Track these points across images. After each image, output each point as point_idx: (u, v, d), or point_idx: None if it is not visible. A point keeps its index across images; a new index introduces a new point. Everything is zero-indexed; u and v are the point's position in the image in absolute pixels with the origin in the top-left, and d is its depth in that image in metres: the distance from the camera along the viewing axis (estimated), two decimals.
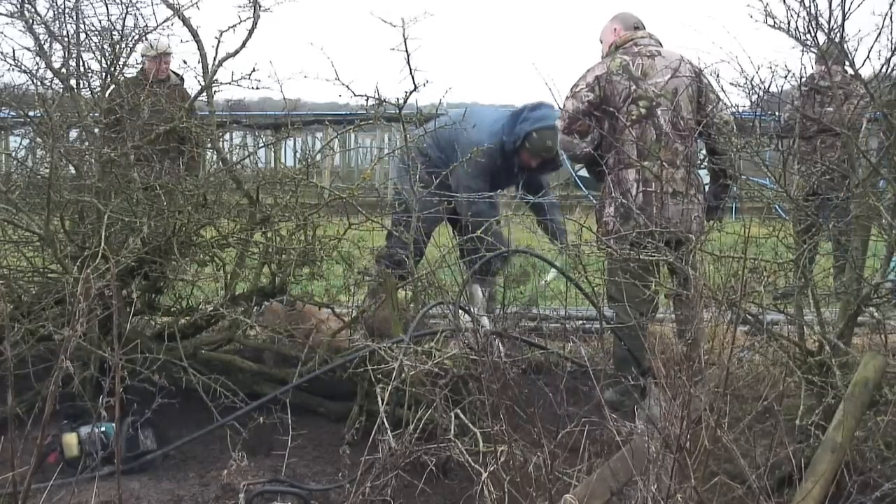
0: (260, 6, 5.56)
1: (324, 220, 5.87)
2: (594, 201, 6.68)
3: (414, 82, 5.48)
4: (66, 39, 5.55)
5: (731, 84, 4.78)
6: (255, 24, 5.58)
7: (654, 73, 5.75)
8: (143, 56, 8.18)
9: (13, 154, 5.95)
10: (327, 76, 5.40)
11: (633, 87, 5.70)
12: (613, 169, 5.72)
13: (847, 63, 4.30)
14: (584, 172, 7.11)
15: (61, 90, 5.49)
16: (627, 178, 5.68)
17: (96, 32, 5.63)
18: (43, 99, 5.35)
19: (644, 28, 6.03)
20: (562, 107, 5.87)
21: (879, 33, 4.09)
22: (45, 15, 5.52)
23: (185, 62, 5.74)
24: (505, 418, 3.66)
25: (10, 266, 5.48)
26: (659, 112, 5.68)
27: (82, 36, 5.60)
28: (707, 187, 6.03)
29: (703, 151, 6.02)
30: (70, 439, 4.67)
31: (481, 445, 3.86)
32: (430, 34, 6.56)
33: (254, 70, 5.48)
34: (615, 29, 6.02)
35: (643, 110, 5.68)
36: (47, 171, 5.00)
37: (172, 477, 4.74)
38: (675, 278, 5.32)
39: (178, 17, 5.54)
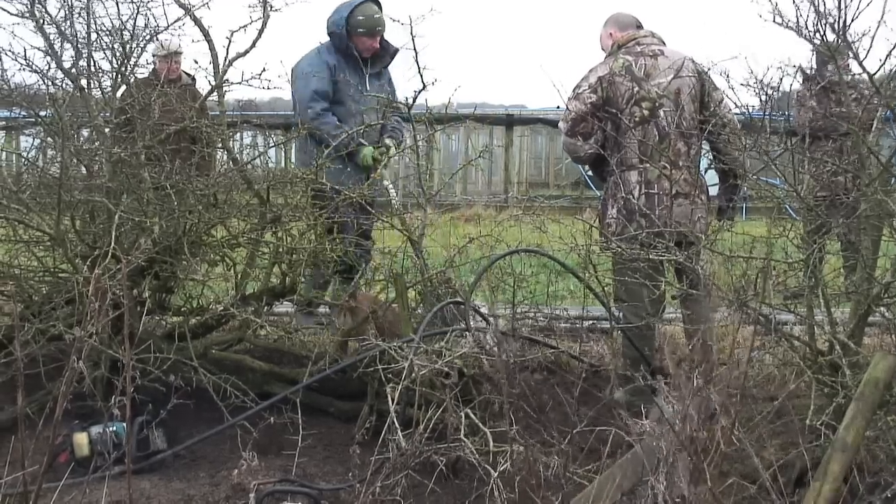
0: (270, 6, 5.57)
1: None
2: None
3: (423, 81, 5.49)
4: (76, 39, 5.56)
5: (742, 84, 4.78)
6: (265, 24, 5.58)
7: (657, 73, 5.69)
8: (153, 56, 8.21)
9: (24, 154, 5.96)
10: None
11: (636, 89, 5.64)
12: (616, 170, 5.70)
13: (852, 58, 4.30)
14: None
15: (72, 90, 5.50)
16: (630, 179, 5.63)
17: (107, 32, 5.64)
18: (53, 99, 5.36)
19: (642, 26, 5.99)
20: (565, 109, 5.83)
21: (878, 27, 4.09)
22: (56, 15, 5.53)
23: (196, 62, 5.76)
24: (515, 418, 3.67)
25: (20, 266, 5.49)
26: (662, 113, 5.64)
27: (93, 36, 5.61)
28: (717, 188, 6.00)
29: (711, 153, 5.98)
30: (81, 439, 4.67)
31: (491, 445, 3.86)
32: (438, 33, 6.57)
33: (264, 70, 5.49)
34: (611, 34, 5.97)
35: (646, 111, 5.63)
36: (58, 171, 5.01)
37: (183, 477, 4.74)
38: (684, 279, 5.31)
39: (190, 17, 5.55)
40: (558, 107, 11.87)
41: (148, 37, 5.71)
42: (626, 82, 5.66)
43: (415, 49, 5.39)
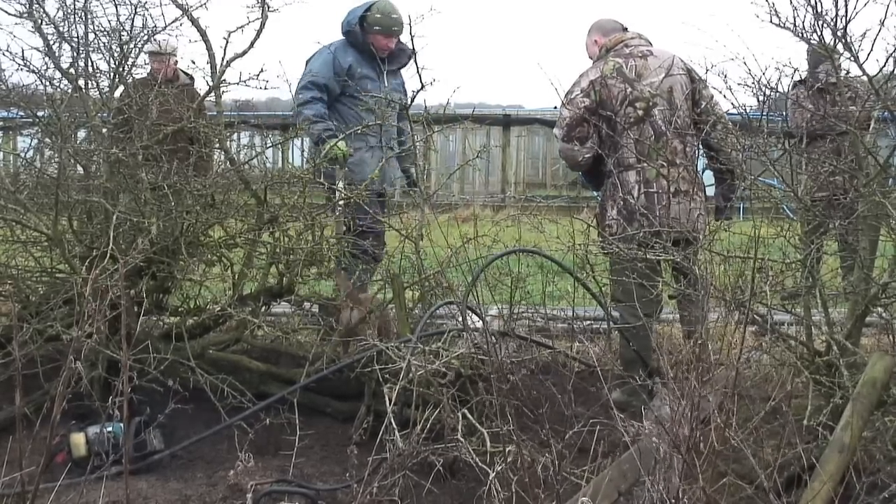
0: (268, 6, 5.56)
1: (331, 219, 5.88)
2: None
3: (421, 81, 5.49)
4: (74, 40, 5.56)
5: (739, 84, 4.78)
6: (263, 25, 5.58)
7: (649, 73, 5.72)
8: (147, 54, 8.20)
9: (22, 154, 5.96)
10: None
11: (629, 90, 5.67)
12: (613, 171, 5.70)
13: (852, 60, 4.30)
14: None
15: (70, 90, 5.50)
16: (628, 180, 5.65)
17: (105, 33, 5.64)
18: (51, 99, 5.36)
19: (627, 29, 6.01)
20: (559, 115, 5.84)
21: (880, 30, 4.09)
22: (54, 15, 5.54)
23: (193, 62, 5.75)
24: (512, 418, 3.67)
25: (18, 266, 5.48)
26: (656, 112, 5.66)
27: (91, 36, 5.62)
28: (713, 188, 6.02)
29: (705, 151, 5.99)
30: (78, 439, 4.67)
31: (489, 445, 3.86)
32: (436, 33, 6.57)
33: (262, 70, 5.49)
34: (595, 40, 6.00)
35: (640, 112, 5.65)
36: (55, 171, 5.01)
37: (180, 477, 4.74)
38: (682, 278, 5.31)
39: (187, 18, 5.54)
40: (555, 107, 11.89)
41: (145, 37, 5.72)
42: (618, 84, 5.68)
43: (413, 49, 5.40)
